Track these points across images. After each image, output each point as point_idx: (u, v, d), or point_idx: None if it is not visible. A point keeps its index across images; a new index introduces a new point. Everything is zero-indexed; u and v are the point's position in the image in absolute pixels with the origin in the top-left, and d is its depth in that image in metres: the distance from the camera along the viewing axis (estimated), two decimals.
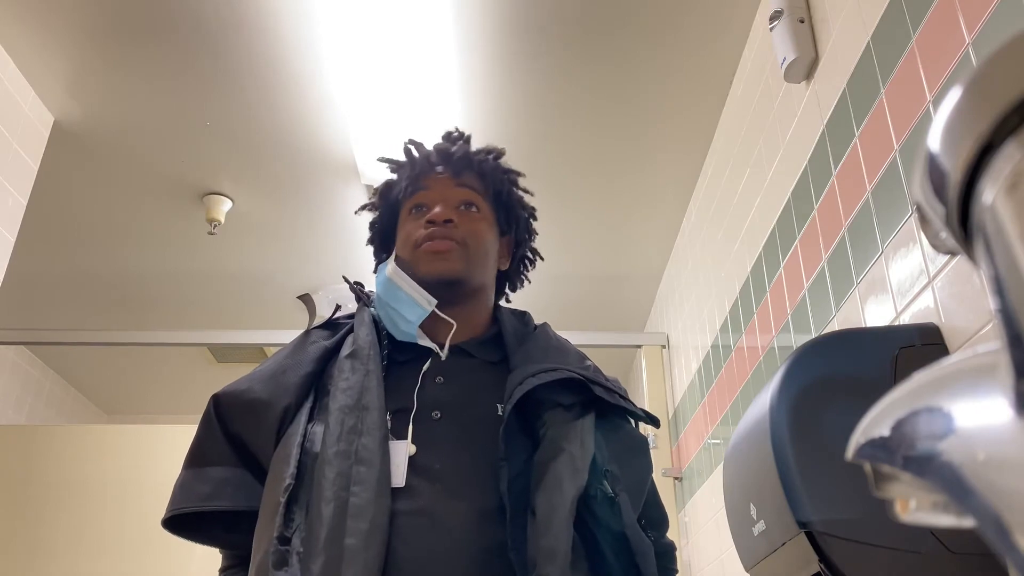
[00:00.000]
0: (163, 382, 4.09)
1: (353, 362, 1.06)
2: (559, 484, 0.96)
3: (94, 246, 2.96)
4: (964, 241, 0.33)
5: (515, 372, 1.07)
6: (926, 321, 1.17)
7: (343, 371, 1.05)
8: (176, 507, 1.04)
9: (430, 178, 1.18)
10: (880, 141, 1.35)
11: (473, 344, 1.15)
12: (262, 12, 1.99)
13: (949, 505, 0.33)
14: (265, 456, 1.03)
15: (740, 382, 2.14)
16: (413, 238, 1.14)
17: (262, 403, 1.04)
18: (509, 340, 1.15)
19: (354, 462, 0.95)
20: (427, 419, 1.04)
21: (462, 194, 1.17)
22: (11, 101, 2.15)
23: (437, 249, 1.11)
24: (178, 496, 1.05)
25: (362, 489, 0.93)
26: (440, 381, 1.08)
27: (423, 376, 1.08)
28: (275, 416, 1.03)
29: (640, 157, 2.52)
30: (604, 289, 3.29)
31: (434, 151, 1.20)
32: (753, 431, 1.10)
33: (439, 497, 0.98)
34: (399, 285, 1.11)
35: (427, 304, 1.11)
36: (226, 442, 1.06)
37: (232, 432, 1.06)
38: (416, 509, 0.96)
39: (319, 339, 1.14)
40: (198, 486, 1.04)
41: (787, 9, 1.69)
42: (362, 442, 0.97)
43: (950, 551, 0.90)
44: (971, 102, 0.30)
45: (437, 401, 1.06)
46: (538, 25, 2.04)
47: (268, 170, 2.58)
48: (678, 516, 2.77)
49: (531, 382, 1.02)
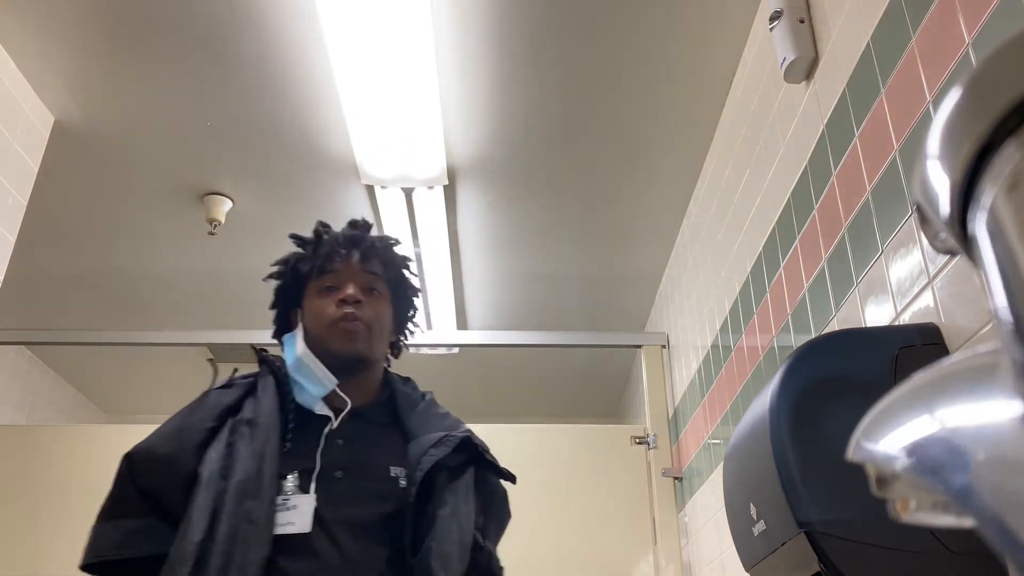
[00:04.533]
0: (163, 382, 4.09)
1: (254, 430, 1.21)
2: (448, 533, 1.18)
3: (94, 246, 2.96)
4: (964, 241, 0.33)
5: (413, 443, 1.27)
6: (926, 321, 1.17)
7: (244, 437, 1.21)
8: (94, 556, 1.19)
9: (339, 262, 1.36)
10: (880, 141, 1.35)
11: (367, 407, 1.34)
12: (262, 12, 1.99)
13: (949, 505, 0.33)
14: (175, 505, 1.18)
15: (740, 382, 2.14)
16: (327, 316, 1.32)
17: (167, 458, 1.21)
18: (402, 406, 1.35)
19: (244, 522, 1.12)
20: (330, 477, 1.22)
21: (368, 279, 1.36)
22: (11, 101, 2.15)
23: (349, 330, 1.30)
24: (93, 546, 1.20)
25: (248, 546, 1.11)
26: (340, 444, 1.26)
27: (325, 438, 1.26)
28: (181, 474, 1.19)
29: (640, 157, 2.52)
30: (604, 289, 3.29)
31: (342, 237, 1.38)
32: (753, 431, 1.10)
33: (336, 546, 1.16)
34: (307, 364, 1.30)
35: (329, 383, 1.30)
36: (138, 496, 1.20)
37: (142, 487, 1.21)
38: (316, 557, 1.15)
39: (219, 398, 1.29)
40: (112, 536, 1.19)
41: (787, 9, 1.69)
42: (252, 505, 1.14)
43: (950, 551, 0.90)
44: (971, 102, 0.30)
45: (339, 462, 1.24)
46: (538, 25, 2.04)
47: (268, 170, 2.58)
48: (678, 516, 2.77)
49: (434, 453, 1.23)
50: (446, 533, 1.18)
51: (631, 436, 2.93)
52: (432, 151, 2.43)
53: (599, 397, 4.30)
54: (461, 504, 1.23)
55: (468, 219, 2.84)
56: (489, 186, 2.66)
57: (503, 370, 4.03)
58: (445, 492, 1.22)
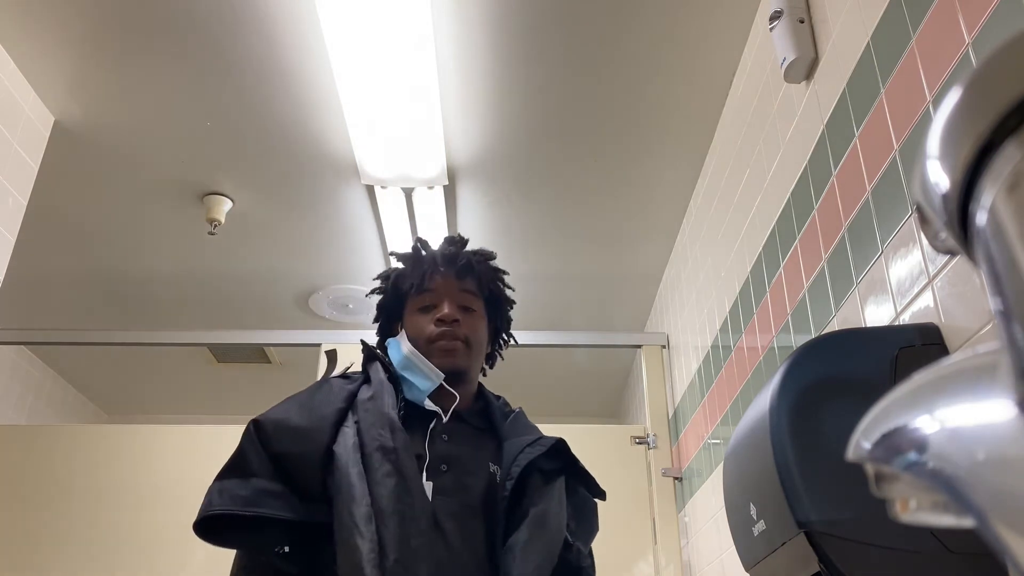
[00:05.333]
0: (163, 382, 4.09)
1: (375, 403, 1.26)
2: (537, 530, 1.22)
3: (94, 246, 2.96)
4: (964, 241, 0.33)
5: (509, 443, 1.33)
6: (926, 321, 1.17)
7: (368, 410, 1.25)
8: (217, 507, 1.15)
9: (436, 280, 1.41)
10: (880, 141, 1.35)
11: (466, 413, 1.39)
12: (262, 12, 1.99)
13: (949, 505, 0.33)
14: (306, 479, 1.19)
15: (740, 382, 2.14)
16: (426, 334, 1.37)
17: (304, 430, 1.22)
18: (496, 415, 1.42)
19: (399, 478, 1.17)
20: (436, 470, 1.27)
21: (464, 297, 1.42)
22: (11, 101, 2.15)
23: (447, 348, 1.36)
24: (216, 498, 1.16)
25: (412, 498, 1.16)
26: (445, 439, 1.32)
27: (431, 432, 1.31)
28: (319, 448, 1.20)
29: (640, 157, 2.52)
30: (604, 289, 3.29)
31: (440, 256, 1.43)
32: (753, 431, 1.10)
33: (442, 535, 1.20)
34: (414, 361, 1.36)
35: (436, 378, 1.35)
36: (268, 460, 1.20)
37: (274, 452, 1.21)
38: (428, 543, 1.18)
39: (343, 384, 1.33)
40: (240, 492, 1.16)
41: (787, 9, 1.69)
42: (400, 460, 1.18)
43: (950, 551, 0.90)
44: (971, 102, 0.30)
45: (443, 455, 1.29)
46: (538, 25, 2.04)
47: (268, 170, 2.58)
48: (678, 516, 2.77)
49: (530, 452, 1.29)
50: (535, 530, 1.21)
51: (631, 436, 2.93)
52: (432, 151, 2.43)
53: (599, 397, 4.30)
54: (552, 506, 1.27)
55: (468, 219, 2.84)
56: (489, 186, 2.66)
57: (503, 370, 4.03)
58: (537, 493, 1.26)
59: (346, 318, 3.43)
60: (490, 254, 1.49)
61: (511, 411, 1.46)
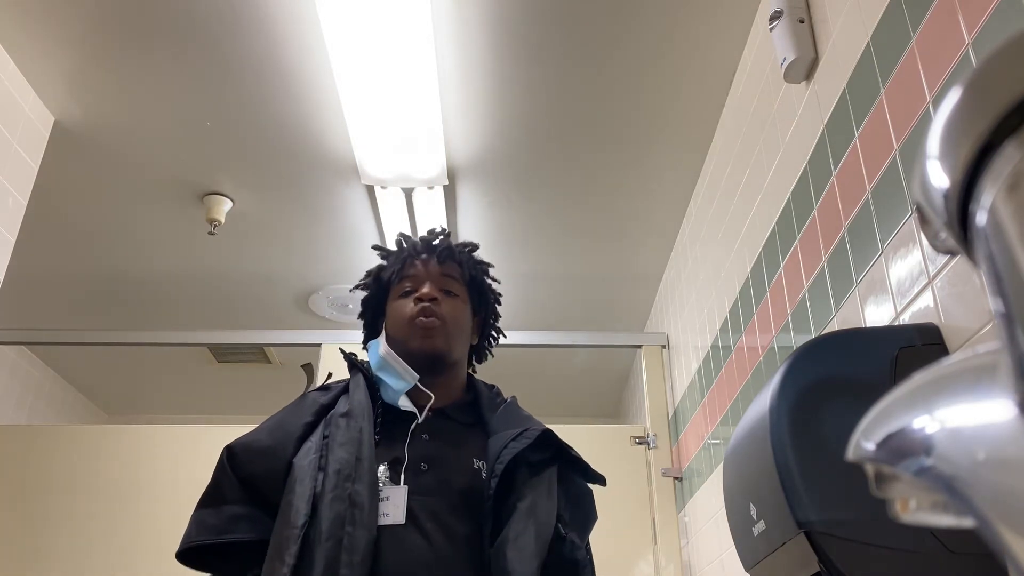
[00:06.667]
0: (163, 382, 4.09)
1: (349, 420, 1.26)
2: (525, 526, 1.21)
3: (94, 246, 2.96)
4: (964, 241, 0.33)
5: (494, 438, 1.30)
6: (926, 321, 1.17)
7: (340, 427, 1.25)
8: (194, 540, 1.21)
9: (416, 265, 1.41)
10: (880, 141, 1.35)
11: (451, 408, 1.38)
12: (262, 12, 1.99)
13: (949, 505, 0.33)
14: (274, 494, 1.22)
15: (740, 382, 2.14)
16: (405, 314, 1.36)
17: (270, 449, 1.26)
18: (484, 407, 1.39)
19: (348, 505, 1.16)
20: (416, 469, 1.26)
21: (444, 280, 1.41)
22: (11, 101, 2.15)
23: (426, 326, 1.34)
24: (193, 530, 1.22)
25: (355, 528, 1.14)
26: (426, 438, 1.31)
27: (411, 433, 1.31)
28: (281, 463, 1.24)
29: (640, 157, 2.52)
30: (604, 289, 3.29)
31: (420, 242, 1.44)
32: (753, 431, 1.10)
33: (425, 537, 1.20)
34: (389, 362, 1.35)
35: (411, 378, 1.34)
36: (239, 485, 1.24)
37: (244, 475, 1.25)
38: (406, 547, 1.19)
39: (316, 398, 1.35)
40: (212, 520, 1.21)
41: (787, 9, 1.69)
42: (355, 488, 1.18)
43: (950, 551, 0.90)
44: (971, 102, 0.30)
45: (424, 455, 1.28)
46: (538, 26, 2.04)
47: (268, 170, 2.58)
48: (678, 516, 2.77)
49: (514, 446, 1.26)
50: (523, 525, 1.20)
51: (631, 436, 2.93)
52: (432, 151, 2.43)
53: (599, 397, 4.30)
54: (540, 499, 1.25)
55: (468, 219, 2.84)
56: (489, 186, 2.66)
57: (503, 370, 4.03)
58: (525, 486, 1.25)
59: (346, 318, 3.43)
60: (473, 245, 1.49)
61: (503, 401, 1.44)
